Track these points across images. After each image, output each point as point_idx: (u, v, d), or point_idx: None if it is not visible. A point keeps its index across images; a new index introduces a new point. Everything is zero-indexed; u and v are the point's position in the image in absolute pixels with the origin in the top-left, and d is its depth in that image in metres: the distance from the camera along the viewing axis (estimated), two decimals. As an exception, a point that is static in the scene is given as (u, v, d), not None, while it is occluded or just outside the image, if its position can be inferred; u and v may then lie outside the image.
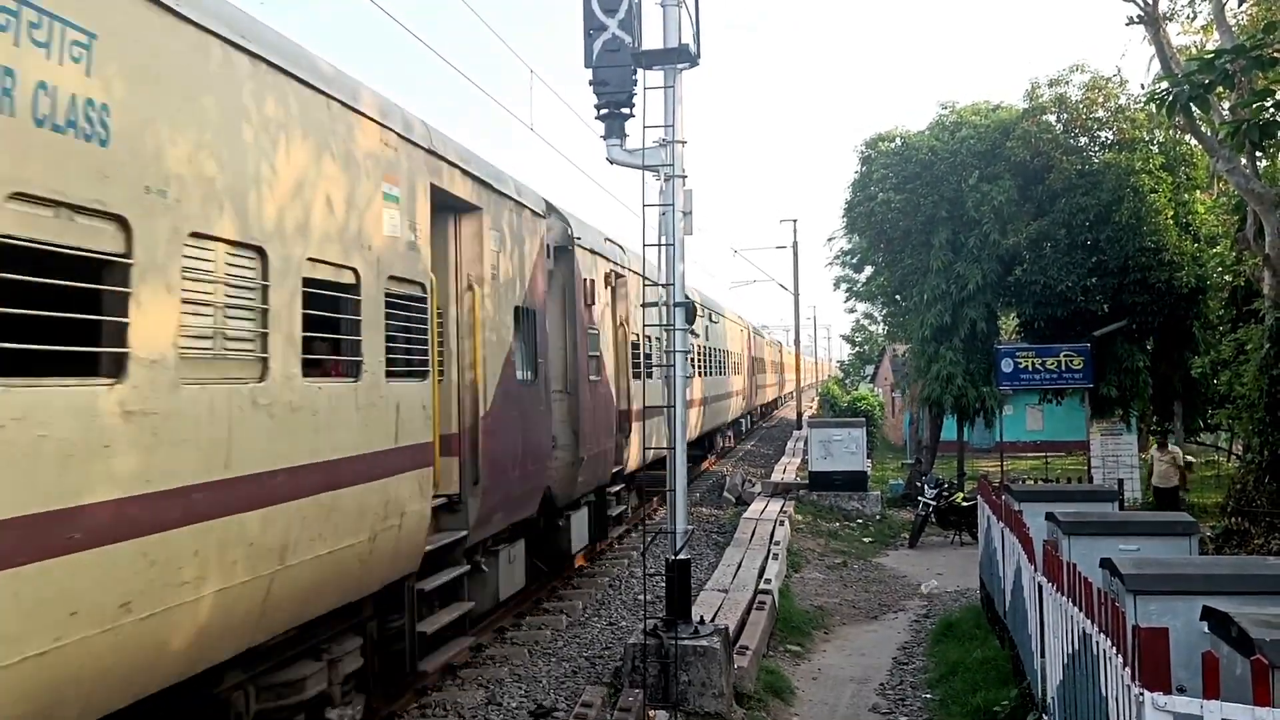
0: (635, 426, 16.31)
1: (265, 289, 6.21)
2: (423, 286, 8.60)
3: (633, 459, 16.49)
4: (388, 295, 7.88)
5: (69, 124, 4.69)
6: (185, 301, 5.47)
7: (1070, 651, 6.79)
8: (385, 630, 8.47)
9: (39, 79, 4.54)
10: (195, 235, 5.59)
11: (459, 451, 9.62)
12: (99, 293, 4.99)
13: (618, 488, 16.46)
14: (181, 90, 5.52)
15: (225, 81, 5.92)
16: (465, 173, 9.73)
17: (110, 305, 5.01)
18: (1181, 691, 4.88)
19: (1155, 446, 19.37)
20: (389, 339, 7.90)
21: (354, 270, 7.34)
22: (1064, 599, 6.95)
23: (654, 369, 16.19)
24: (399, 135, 8.20)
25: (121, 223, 5.02)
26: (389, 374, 7.85)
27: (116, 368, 4.99)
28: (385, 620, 8.46)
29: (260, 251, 6.17)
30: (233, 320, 6.00)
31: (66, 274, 4.75)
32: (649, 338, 16.51)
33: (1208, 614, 5.73)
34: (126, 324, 5.02)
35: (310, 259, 6.74)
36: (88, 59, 4.83)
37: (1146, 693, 4.71)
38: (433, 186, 8.87)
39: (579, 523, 13.84)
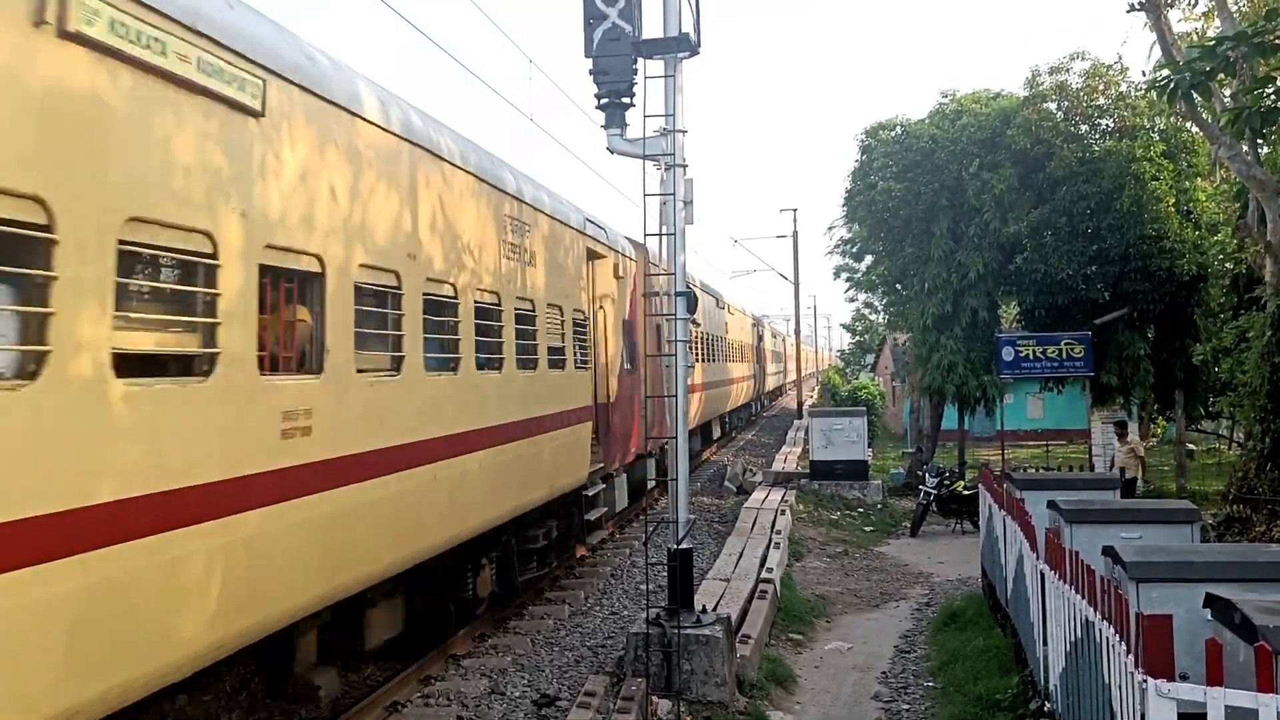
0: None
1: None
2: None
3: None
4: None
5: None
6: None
7: (1073, 639, 6.80)
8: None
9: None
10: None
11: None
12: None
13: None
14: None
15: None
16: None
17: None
18: (1184, 679, 4.88)
19: (1115, 437, 19.35)
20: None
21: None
22: (1067, 587, 6.95)
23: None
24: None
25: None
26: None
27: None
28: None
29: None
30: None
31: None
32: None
33: (1211, 601, 5.73)
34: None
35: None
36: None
37: (1150, 680, 4.72)
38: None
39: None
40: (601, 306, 14.95)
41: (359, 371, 7.30)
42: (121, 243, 5.02)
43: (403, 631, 9.36)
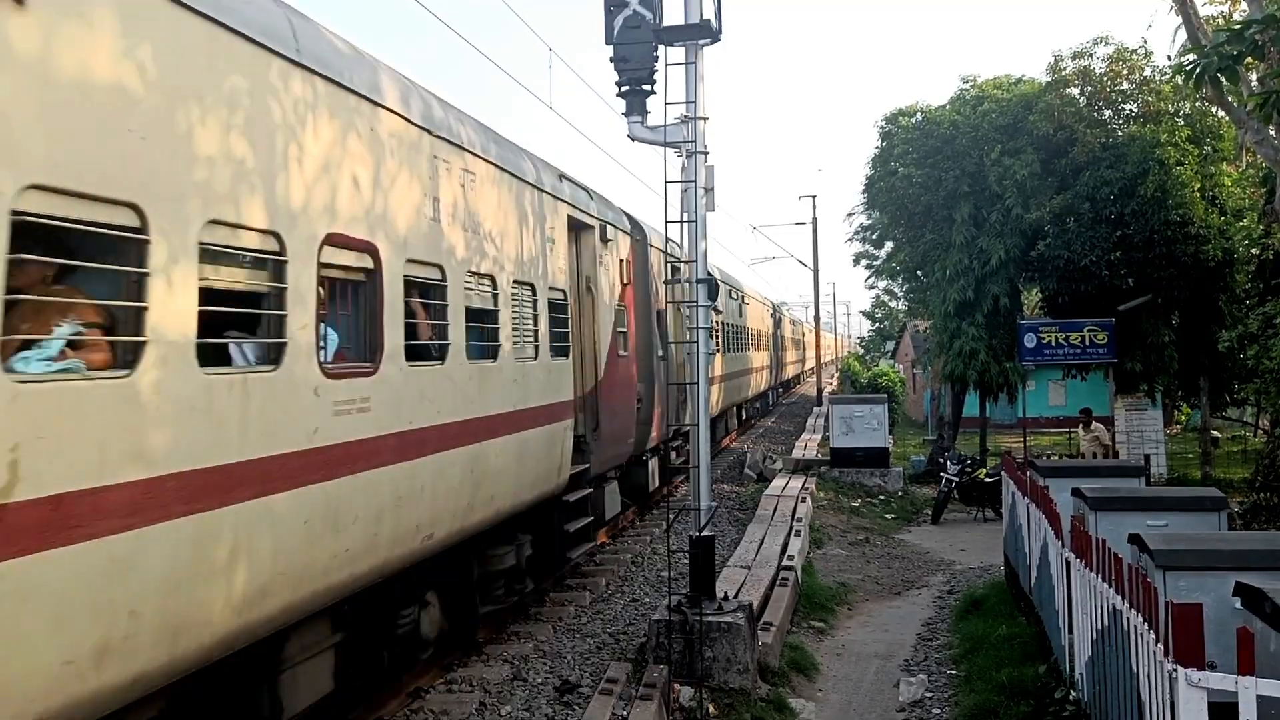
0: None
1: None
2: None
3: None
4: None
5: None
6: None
7: (1099, 627, 6.75)
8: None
9: None
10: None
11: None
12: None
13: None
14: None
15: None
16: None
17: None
18: (1212, 668, 4.84)
19: (1080, 425, 19.21)
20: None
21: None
22: (1093, 575, 6.91)
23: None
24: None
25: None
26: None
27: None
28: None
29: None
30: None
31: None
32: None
33: (1241, 590, 5.67)
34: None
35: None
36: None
37: (1180, 668, 4.68)
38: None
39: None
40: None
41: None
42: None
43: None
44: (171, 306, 5.00)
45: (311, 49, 6.48)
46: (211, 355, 5.37)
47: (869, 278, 31.16)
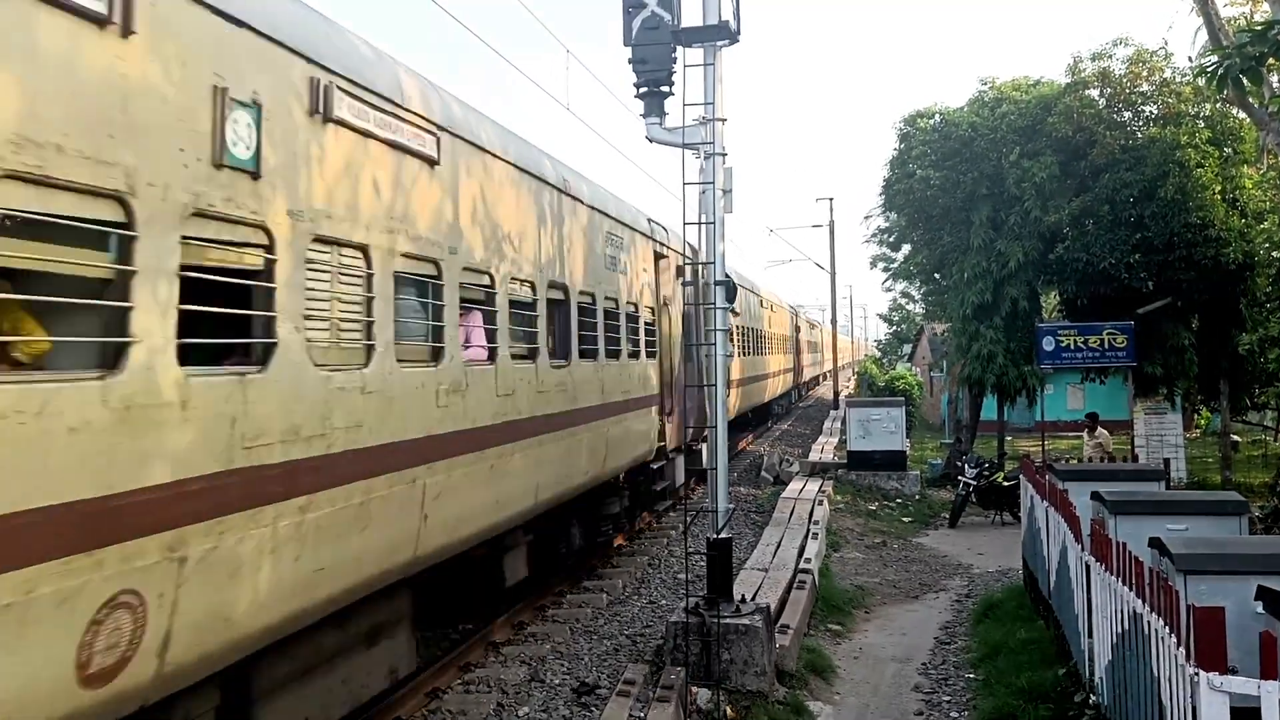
0: None
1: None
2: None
3: None
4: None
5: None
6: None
7: (1119, 631, 6.72)
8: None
9: None
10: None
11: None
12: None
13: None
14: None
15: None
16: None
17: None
18: (1233, 673, 4.82)
19: (1085, 430, 19.08)
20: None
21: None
22: (1113, 578, 6.88)
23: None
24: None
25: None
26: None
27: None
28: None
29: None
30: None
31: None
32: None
33: (1263, 594, 5.64)
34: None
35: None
36: None
37: (1202, 673, 4.66)
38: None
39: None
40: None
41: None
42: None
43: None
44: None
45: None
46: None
47: (886, 280, 31.12)
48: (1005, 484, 19.67)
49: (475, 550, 8.99)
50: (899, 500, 22.09)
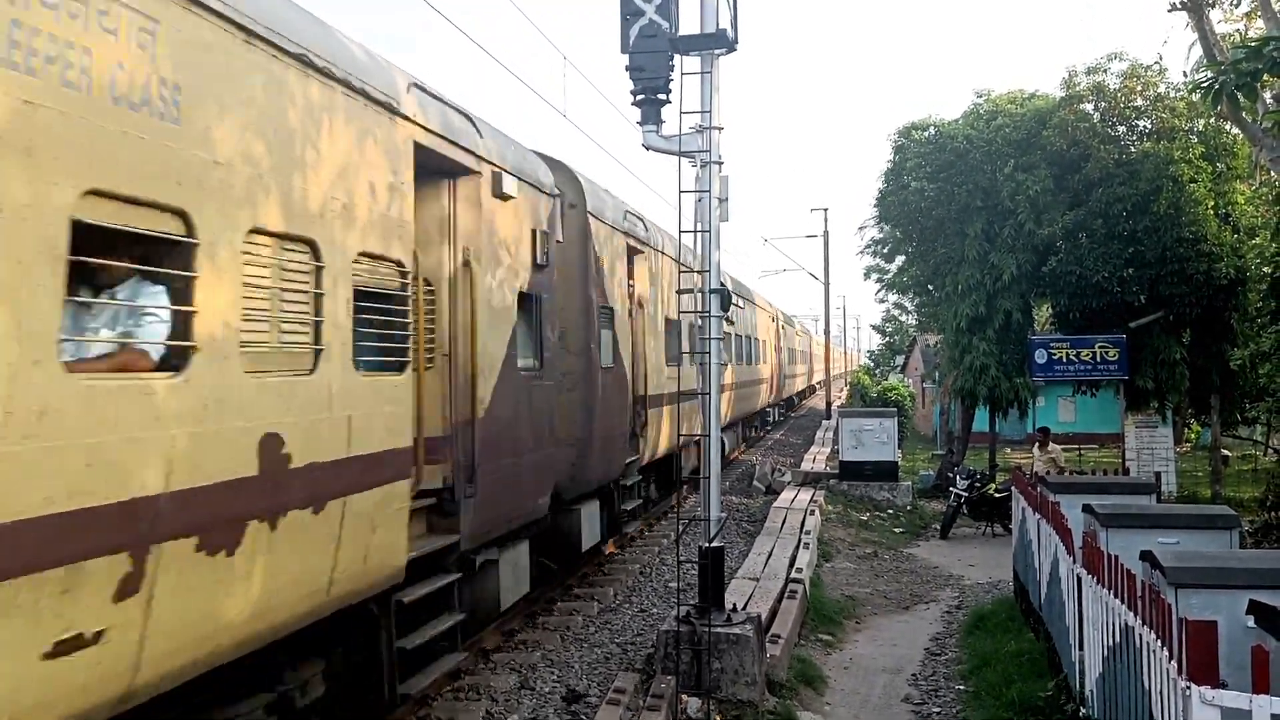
0: None
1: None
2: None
3: None
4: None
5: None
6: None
7: (1110, 644, 6.73)
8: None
9: None
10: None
11: None
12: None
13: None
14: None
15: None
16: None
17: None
18: (1224, 687, 4.82)
19: (1035, 445, 19.13)
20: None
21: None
22: (1105, 591, 6.88)
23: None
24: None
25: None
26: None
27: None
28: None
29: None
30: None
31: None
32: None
33: (1254, 608, 5.65)
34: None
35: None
36: None
37: (1194, 686, 4.66)
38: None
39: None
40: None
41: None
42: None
43: None
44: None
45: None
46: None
47: (879, 291, 31.08)
48: (996, 495, 19.69)
49: None
50: (890, 511, 22.09)
